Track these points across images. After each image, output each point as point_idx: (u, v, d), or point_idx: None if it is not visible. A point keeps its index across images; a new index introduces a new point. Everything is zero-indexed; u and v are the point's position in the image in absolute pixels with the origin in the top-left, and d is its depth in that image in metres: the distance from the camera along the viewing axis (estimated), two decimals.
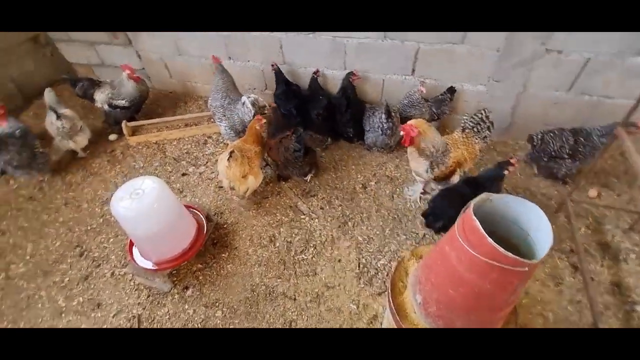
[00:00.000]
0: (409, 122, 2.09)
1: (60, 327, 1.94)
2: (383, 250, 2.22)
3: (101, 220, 2.50)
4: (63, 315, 2.00)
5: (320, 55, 2.87)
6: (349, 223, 2.38)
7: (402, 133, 2.09)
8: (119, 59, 3.54)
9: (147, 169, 2.88)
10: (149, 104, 3.42)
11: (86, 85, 3.01)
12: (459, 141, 2.20)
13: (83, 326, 1.94)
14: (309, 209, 2.48)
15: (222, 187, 2.67)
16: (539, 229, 1.20)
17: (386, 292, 1.78)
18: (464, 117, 2.27)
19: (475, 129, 2.21)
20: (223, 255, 2.23)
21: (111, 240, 2.37)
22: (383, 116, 2.50)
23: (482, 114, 2.18)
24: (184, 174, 2.82)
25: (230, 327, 1.89)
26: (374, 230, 2.33)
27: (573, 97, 2.51)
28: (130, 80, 2.97)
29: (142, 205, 1.72)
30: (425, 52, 2.59)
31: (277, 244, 2.28)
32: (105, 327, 1.93)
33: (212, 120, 3.26)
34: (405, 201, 2.50)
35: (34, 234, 2.43)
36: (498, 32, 2.32)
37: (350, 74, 2.75)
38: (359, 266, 2.14)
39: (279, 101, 2.96)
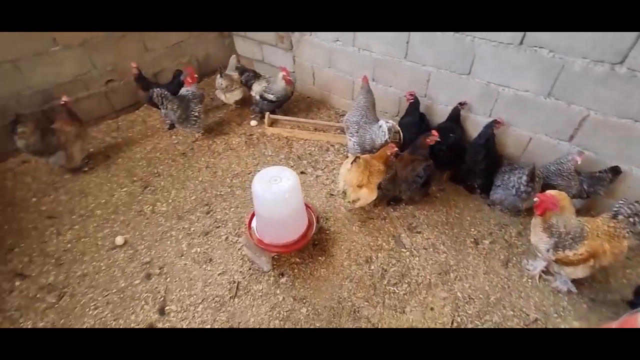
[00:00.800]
0: (550, 192, 1.88)
1: (179, 266, 2.29)
2: (483, 318, 2.01)
3: (229, 190, 2.88)
4: (182, 257, 2.35)
5: (467, 96, 2.80)
6: (451, 274, 2.23)
7: (535, 199, 1.89)
8: (277, 60, 4.07)
9: (274, 158, 3.22)
10: (288, 102, 3.83)
11: (251, 75, 3.53)
12: (600, 229, 1.88)
13: (195, 273, 2.25)
14: (412, 244, 2.42)
15: (333, 194, 2.81)
16: None
17: None
18: (620, 202, 1.92)
19: (631, 220, 1.85)
20: (320, 258, 2.33)
21: (232, 209, 2.70)
22: (524, 177, 2.29)
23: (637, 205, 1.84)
24: (302, 172, 3.05)
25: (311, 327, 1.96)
26: (477, 293, 2.13)
27: None
28: (283, 81, 3.38)
29: (278, 191, 1.92)
30: (596, 121, 2.30)
31: (372, 267, 2.27)
32: (209, 282, 2.20)
33: (339, 131, 3.48)
34: (521, 274, 2.23)
35: (178, 184, 2.94)
36: None
37: (495, 122, 2.60)
38: (452, 323, 1.98)
39: (405, 129, 2.97)
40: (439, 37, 2.68)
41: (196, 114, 3.24)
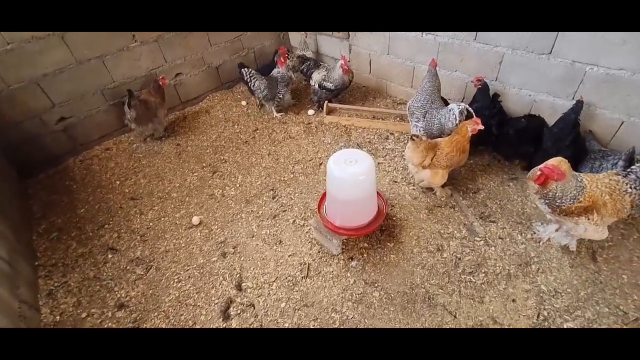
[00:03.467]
0: (552, 162, 1.81)
1: (251, 246, 2.38)
2: (573, 313, 1.86)
3: (292, 176, 2.94)
4: (254, 238, 2.44)
5: (546, 79, 2.60)
6: (533, 266, 2.09)
7: (537, 171, 1.85)
8: (332, 50, 4.08)
9: (333, 146, 3.23)
10: (344, 92, 3.82)
11: (311, 65, 3.57)
12: (601, 181, 1.86)
13: (266, 253, 2.32)
14: (486, 233, 2.30)
15: (396, 181, 2.76)
16: None
17: None
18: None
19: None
20: (388, 244, 2.30)
21: (296, 195, 2.76)
22: (621, 163, 2.08)
23: None
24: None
25: (385, 311, 1.94)
26: (564, 287, 1.98)
27: None
28: (341, 69, 3.37)
29: (353, 172, 1.92)
30: None
31: (445, 255, 2.20)
32: (281, 262, 2.26)
33: (398, 119, 3.41)
34: (612, 269, 2.03)
35: (244, 170, 3.05)
36: None
37: (580, 103, 2.38)
38: (537, 316, 1.86)
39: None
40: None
41: (281, 95, 3.53)
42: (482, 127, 2.25)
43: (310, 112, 3.71)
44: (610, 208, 1.83)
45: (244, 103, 3.96)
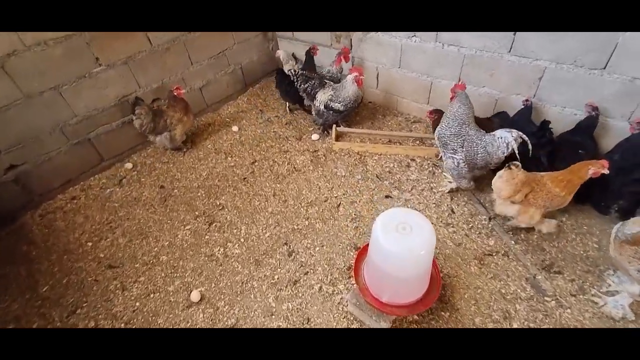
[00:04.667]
0: None
1: (270, 327, 1.89)
2: None
3: (307, 222, 2.46)
4: (273, 317, 1.95)
5: (600, 95, 2.25)
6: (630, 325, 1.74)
7: None
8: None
9: (350, 179, 2.77)
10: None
11: (316, 84, 3.07)
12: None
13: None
14: (555, 290, 1.93)
15: (432, 223, 2.34)
16: None
17: None
18: None
19: None
20: (443, 313, 1.88)
21: (317, 249, 2.28)
22: None
23: None
24: (387, 196, 2.59)
25: None
26: None
27: None
28: (354, 84, 2.90)
29: (411, 246, 1.47)
30: None
31: (515, 325, 1.80)
32: None
33: (417, 142, 3.00)
34: None
35: (247, 217, 2.54)
36: None
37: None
38: None
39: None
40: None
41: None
42: (607, 171, 1.85)
43: (315, 136, 3.23)
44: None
45: (235, 129, 3.43)
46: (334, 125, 3.09)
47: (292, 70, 3.09)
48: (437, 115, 2.66)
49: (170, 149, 3.16)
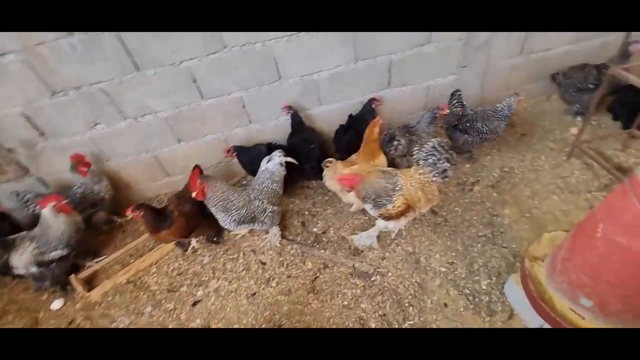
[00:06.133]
0: (345, 173, 1.98)
1: None
2: (474, 270, 2.01)
3: None
4: None
5: (291, 95, 2.54)
6: (421, 258, 2.11)
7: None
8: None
9: (139, 320, 2.08)
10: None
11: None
12: (414, 178, 1.86)
13: None
14: (371, 264, 2.12)
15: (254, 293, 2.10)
16: None
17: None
18: (415, 148, 1.96)
19: (430, 161, 1.83)
20: None
21: None
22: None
23: (434, 142, 1.83)
24: (195, 304, 2.11)
25: None
26: (452, 254, 2.11)
27: (524, 59, 2.78)
28: (58, 215, 2.11)
29: None
30: (398, 61, 2.53)
31: (372, 325, 1.85)
32: None
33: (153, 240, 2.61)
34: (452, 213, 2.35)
35: None
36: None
37: (373, 99, 2.61)
38: (468, 299, 1.88)
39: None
40: (230, 60, 2.23)
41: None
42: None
43: (56, 304, 2.23)
44: (424, 202, 1.89)
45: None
46: (71, 277, 2.22)
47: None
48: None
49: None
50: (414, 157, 1.92)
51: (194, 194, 1.94)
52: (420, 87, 2.74)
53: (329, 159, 2.30)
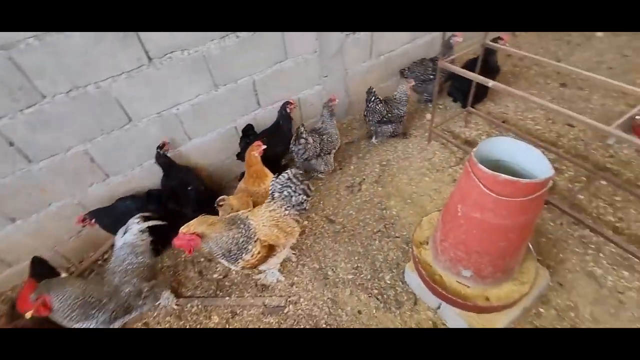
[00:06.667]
0: (183, 231, 1.49)
1: None
2: (377, 267, 2.09)
3: None
4: None
5: (151, 135, 2.24)
6: (329, 272, 2.10)
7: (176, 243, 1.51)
8: None
9: None
10: None
11: None
12: (265, 217, 1.72)
13: None
14: (280, 294, 2.02)
15: None
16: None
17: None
18: (272, 180, 1.80)
19: (284, 194, 1.75)
20: None
21: None
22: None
23: (289, 173, 1.73)
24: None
25: None
26: (355, 258, 2.15)
27: (375, 61, 3.06)
28: None
29: None
30: (261, 80, 2.47)
31: None
32: None
33: None
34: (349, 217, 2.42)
35: None
36: (311, 36, 2.49)
37: (287, 103, 2.54)
38: (377, 299, 1.94)
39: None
40: (56, 111, 1.82)
41: None
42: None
43: None
44: (284, 237, 1.76)
45: None
46: None
47: None
48: None
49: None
50: (270, 189, 1.79)
51: (28, 315, 1.43)
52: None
53: (222, 197, 2.03)
